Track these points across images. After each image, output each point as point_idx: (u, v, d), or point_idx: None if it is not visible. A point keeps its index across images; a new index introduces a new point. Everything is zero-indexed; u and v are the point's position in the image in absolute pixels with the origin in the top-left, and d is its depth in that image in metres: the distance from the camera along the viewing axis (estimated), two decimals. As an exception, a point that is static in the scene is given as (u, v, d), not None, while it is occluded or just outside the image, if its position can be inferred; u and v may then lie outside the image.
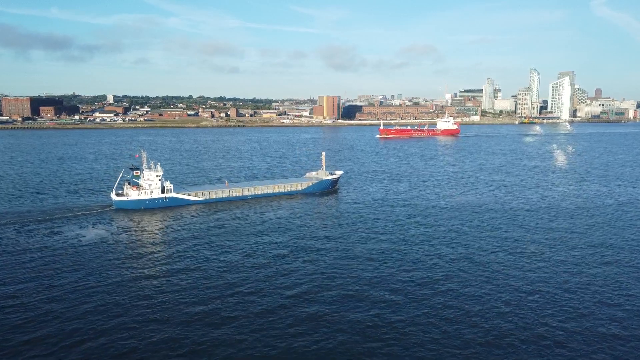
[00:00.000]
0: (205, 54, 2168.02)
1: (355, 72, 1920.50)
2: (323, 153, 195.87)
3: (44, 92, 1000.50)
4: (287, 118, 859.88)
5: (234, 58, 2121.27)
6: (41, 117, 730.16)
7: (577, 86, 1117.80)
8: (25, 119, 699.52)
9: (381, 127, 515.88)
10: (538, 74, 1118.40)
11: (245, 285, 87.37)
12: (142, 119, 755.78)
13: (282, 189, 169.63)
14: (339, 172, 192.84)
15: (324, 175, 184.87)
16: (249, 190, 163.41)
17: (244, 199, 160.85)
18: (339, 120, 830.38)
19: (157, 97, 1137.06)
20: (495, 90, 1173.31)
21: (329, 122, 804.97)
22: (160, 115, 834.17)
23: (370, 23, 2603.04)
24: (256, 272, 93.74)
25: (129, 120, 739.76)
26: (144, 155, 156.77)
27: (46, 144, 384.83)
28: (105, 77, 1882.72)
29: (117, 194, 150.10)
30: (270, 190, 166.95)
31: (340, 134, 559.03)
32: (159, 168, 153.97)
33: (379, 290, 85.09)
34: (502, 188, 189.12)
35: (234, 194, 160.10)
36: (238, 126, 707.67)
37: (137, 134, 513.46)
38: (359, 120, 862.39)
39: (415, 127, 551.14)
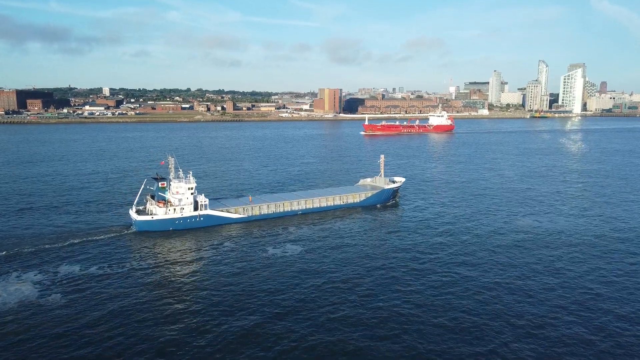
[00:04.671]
0: (207, 47, 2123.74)
1: (358, 65, 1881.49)
2: (382, 156, 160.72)
3: (39, 85, 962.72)
4: (286, 112, 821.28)
5: (236, 51, 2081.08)
6: (28, 111, 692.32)
7: (587, 79, 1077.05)
8: (10, 112, 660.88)
9: (365, 122, 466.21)
10: (547, 66, 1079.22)
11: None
12: (132, 113, 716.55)
13: (338, 202, 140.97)
14: (399, 179, 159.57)
15: (383, 183, 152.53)
16: (298, 204, 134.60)
17: (292, 215, 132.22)
18: (341, 114, 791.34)
19: (155, 90, 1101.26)
20: (501, 83, 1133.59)
21: (330, 116, 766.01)
22: (153, 108, 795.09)
23: (372, 18, 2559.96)
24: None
25: (119, 114, 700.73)
26: (172, 161, 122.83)
27: (22, 141, 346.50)
28: (104, 70, 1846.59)
29: (138, 212, 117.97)
30: (323, 204, 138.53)
31: (339, 130, 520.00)
32: (191, 178, 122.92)
33: None
34: (574, 204, 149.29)
35: (281, 209, 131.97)
36: (234, 120, 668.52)
37: (125, 130, 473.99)
38: (362, 114, 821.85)
39: (405, 123, 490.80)
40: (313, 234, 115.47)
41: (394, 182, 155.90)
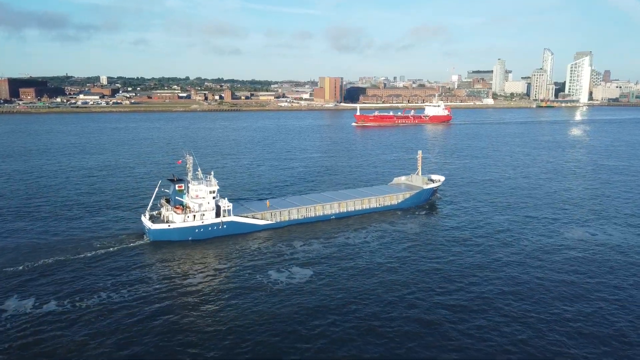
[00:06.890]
0: (207, 34, 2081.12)
1: (359, 54, 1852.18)
2: (419, 152, 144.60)
3: (36, 73, 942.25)
4: (286, 101, 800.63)
5: (236, 39, 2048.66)
6: (20, 100, 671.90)
7: (592, 67, 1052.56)
8: (2, 101, 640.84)
9: (357, 112, 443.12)
10: (552, 54, 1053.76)
11: None
12: (128, 102, 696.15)
13: (374, 204, 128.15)
14: (437, 177, 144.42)
15: (421, 182, 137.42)
16: (331, 208, 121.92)
17: (325, 220, 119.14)
18: (342, 104, 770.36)
19: (153, 78, 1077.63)
20: (505, 71, 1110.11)
21: (331, 105, 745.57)
22: (150, 97, 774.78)
23: (374, 5, 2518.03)
24: None
25: (113, 103, 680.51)
26: (190, 160, 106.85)
27: (7, 132, 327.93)
28: (102, 58, 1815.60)
29: (152, 218, 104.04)
30: (358, 207, 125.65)
31: (340, 120, 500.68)
32: (213, 180, 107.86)
33: None
34: (623, 212, 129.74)
35: (312, 214, 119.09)
36: (231, 110, 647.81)
37: (117, 120, 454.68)
38: (363, 103, 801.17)
39: (399, 113, 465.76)
40: (358, 246, 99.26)
41: (432, 180, 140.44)
